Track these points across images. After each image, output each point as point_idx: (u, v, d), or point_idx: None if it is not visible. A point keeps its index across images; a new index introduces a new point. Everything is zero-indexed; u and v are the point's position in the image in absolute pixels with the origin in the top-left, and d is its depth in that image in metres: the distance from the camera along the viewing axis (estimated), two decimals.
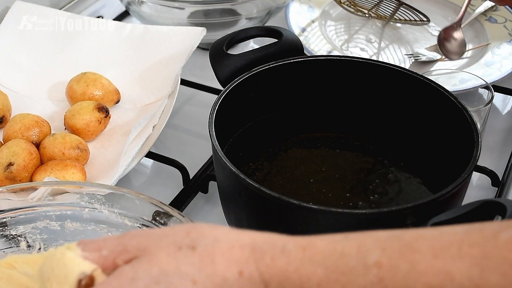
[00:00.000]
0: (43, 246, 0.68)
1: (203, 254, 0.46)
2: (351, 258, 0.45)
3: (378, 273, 0.44)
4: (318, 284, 0.44)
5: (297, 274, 0.45)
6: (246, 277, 0.45)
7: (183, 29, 1.00)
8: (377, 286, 0.44)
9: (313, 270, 0.45)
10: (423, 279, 0.43)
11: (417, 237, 0.45)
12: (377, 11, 1.17)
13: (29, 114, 0.88)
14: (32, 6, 1.05)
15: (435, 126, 0.81)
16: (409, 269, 0.43)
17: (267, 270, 0.45)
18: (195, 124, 0.99)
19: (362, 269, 0.44)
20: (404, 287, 0.43)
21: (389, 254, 0.44)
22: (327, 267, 0.45)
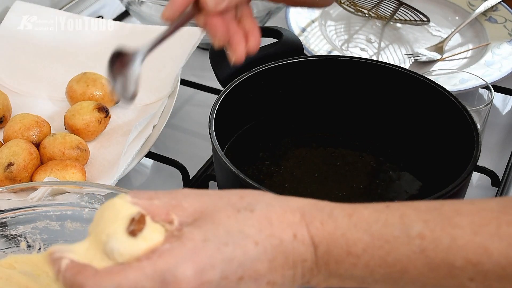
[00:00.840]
0: (43, 246, 0.68)
1: (260, 217, 0.47)
2: (395, 228, 0.47)
3: (421, 244, 0.46)
4: (364, 249, 0.47)
5: (344, 238, 0.47)
6: (299, 239, 0.47)
7: (183, 29, 1.00)
8: (419, 256, 0.46)
9: (359, 236, 0.47)
10: (462, 254, 0.45)
11: (455, 212, 0.47)
12: (377, 11, 1.17)
13: (29, 114, 0.88)
14: (32, 6, 1.05)
15: (435, 126, 0.81)
16: (450, 243, 0.46)
17: (316, 233, 0.47)
18: (195, 124, 0.99)
19: (406, 239, 0.46)
20: (445, 259, 0.46)
21: (431, 227, 0.46)
22: (372, 234, 0.47)
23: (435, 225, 0.47)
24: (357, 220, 0.48)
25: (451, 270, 0.46)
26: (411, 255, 0.46)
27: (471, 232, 0.46)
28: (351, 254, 0.47)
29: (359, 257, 0.47)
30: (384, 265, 0.47)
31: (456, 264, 0.46)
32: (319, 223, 0.48)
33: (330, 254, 0.47)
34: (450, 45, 1.11)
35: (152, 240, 0.46)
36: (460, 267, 0.46)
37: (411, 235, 0.47)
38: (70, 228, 0.67)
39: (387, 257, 0.47)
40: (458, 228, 0.46)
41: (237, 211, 0.47)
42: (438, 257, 0.46)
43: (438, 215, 0.47)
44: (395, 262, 0.47)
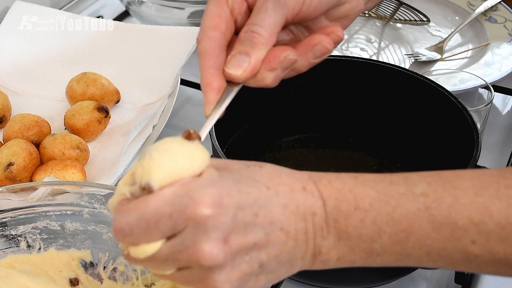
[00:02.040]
0: (43, 246, 0.68)
1: (269, 171, 0.50)
2: (399, 186, 0.49)
3: (425, 201, 0.48)
4: (370, 203, 0.48)
5: (351, 193, 0.49)
6: (308, 191, 0.49)
7: (183, 29, 1.00)
8: (424, 213, 0.47)
9: (366, 191, 0.49)
10: (465, 213, 0.47)
11: (457, 176, 0.49)
12: (377, 11, 1.17)
13: (29, 114, 0.88)
14: (32, 6, 1.05)
15: (435, 126, 0.81)
16: (452, 202, 0.47)
17: (324, 189, 0.49)
18: (195, 124, 0.98)
19: (410, 196, 0.48)
20: (447, 217, 0.47)
21: (433, 188, 0.48)
22: (378, 190, 0.49)
23: (437, 186, 0.48)
24: (363, 179, 0.50)
25: (454, 230, 0.47)
26: (416, 211, 0.47)
27: (472, 193, 0.47)
28: (358, 209, 0.48)
29: (367, 212, 0.48)
30: (391, 222, 0.48)
31: (459, 223, 0.47)
32: (326, 181, 0.49)
33: (339, 209, 0.48)
34: (450, 45, 1.11)
35: None
36: (462, 227, 0.47)
37: (415, 193, 0.48)
38: (70, 228, 0.68)
39: (393, 213, 0.48)
40: (460, 190, 0.48)
41: (246, 166, 0.50)
42: (441, 215, 0.47)
43: (440, 178, 0.49)
44: (401, 219, 0.48)
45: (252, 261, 0.47)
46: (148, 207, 0.45)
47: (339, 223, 0.48)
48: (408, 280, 0.74)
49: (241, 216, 0.46)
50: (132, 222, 0.45)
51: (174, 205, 0.45)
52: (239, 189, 0.47)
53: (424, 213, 0.47)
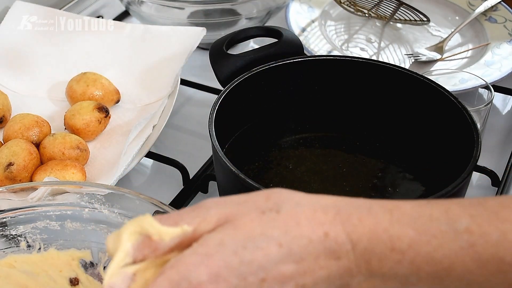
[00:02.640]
0: (43, 246, 0.68)
1: (287, 218, 0.45)
2: (441, 223, 0.45)
3: (469, 239, 0.44)
4: (409, 244, 0.44)
5: (387, 234, 0.45)
6: (332, 237, 0.45)
7: (183, 29, 1.00)
8: (468, 251, 0.44)
9: (403, 231, 0.45)
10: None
11: (501, 206, 0.45)
12: (377, 11, 1.17)
13: (29, 114, 0.88)
14: (32, 6, 1.05)
15: (435, 126, 0.81)
16: (499, 237, 0.44)
17: (354, 230, 0.45)
18: (195, 124, 0.99)
19: (453, 234, 0.44)
20: (494, 254, 0.44)
21: (478, 222, 0.44)
22: (417, 229, 0.45)
23: (482, 219, 0.45)
24: (399, 215, 0.45)
25: (500, 266, 0.44)
26: (459, 250, 0.44)
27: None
28: (395, 250, 0.44)
29: (404, 254, 0.44)
30: (431, 262, 0.44)
31: (506, 260, 0.44)
32: (356, 219, 0.45)
33: (372, 251, 0.45)
34: (450, 45, 1.11)
35: None
36: (510, 263, 0.44)
37: (458, 230, 0.44)
38: (70, 228, 0.68)
39: (434, 253, 0.44)
40: (507, 223, 0.44)
41: (261, 213, 0.46)
42: (488, 253, 0.44)
43: (484, 210, 0.45)
44: (442, 259, 0.44)
45: None
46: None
47: (371, 265, 0.45)
48: None
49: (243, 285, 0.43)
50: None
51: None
52: (240, 260, 0.44)
53: (469, 250, 0.44)
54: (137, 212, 0.65)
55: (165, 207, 0.64)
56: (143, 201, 0.65)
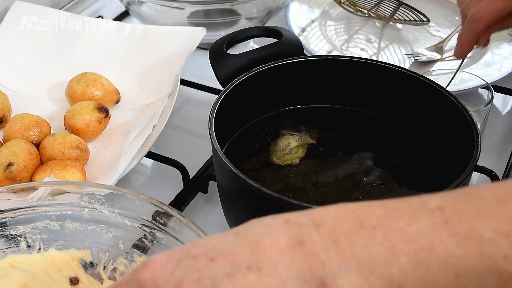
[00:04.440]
0: (43, 246, 0.68)
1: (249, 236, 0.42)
2: (411, 202, 0.42)
3: (442, 215, 0.41)
4: (379, 221, 0.41)
5: (354, 214, 0.42)
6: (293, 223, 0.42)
7: (183, 29, 1.00)
8: (443, 226, 0.40)
9: (371, 210, 0.42)
10: (490, 224, 0.40)
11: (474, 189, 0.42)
12: (377, 11, 1.17)
13: (29, 114, 0.88)
14: (32, 6, 1.05)
15: (435, 126, 0.81)
16: (474, 213, 0.40)
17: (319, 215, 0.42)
18: (195, 124, 0.99)
19: (425, 211, 0.41)
20: (471, 230, 0.40)
21: (450, 201, 0.42)
22: (387, 208, 0.42)
23: (453, 199, 0.42)
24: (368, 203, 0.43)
25: (482, 244, 0.39)
26: (434, 226, 0.40)
27: (495, 202, 0.41)
28: (364, 227, 0.41)
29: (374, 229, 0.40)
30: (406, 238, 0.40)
31: (485, 235, 0.39)
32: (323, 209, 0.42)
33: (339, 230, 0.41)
34: (450, 45, 1.11)
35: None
36: (490, 239, 0.39)
37: (430, 208, 0.41)
38: (70, 228, 0.67)
39: (408, 228, 0.40)
40: (480, 200, 0.41)
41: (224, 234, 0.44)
42: (464, 228, 0.40)
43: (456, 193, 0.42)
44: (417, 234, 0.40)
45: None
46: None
47: (341, 245, 0.40)
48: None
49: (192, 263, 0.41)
50: None
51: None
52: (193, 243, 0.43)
53: (444, 226, 0.40)
54: (137, 212, 0.65)
55: (165, 207, 0.64)
56: (143, 201, 0.65)
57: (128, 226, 0.66)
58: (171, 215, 0.63)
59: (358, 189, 0.77)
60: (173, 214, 0.63)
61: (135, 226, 0.65)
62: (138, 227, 0.65)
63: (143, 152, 0.84)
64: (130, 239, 0.66)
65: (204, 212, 0.85)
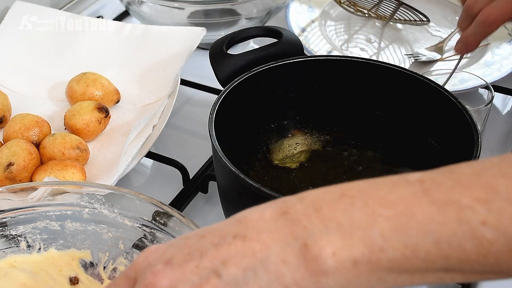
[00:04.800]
0: (43, 246, 0.68)
1: None
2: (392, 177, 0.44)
3: (422, 185, 0.43)
4: (359, 190, 0.43)
5: (336, 187, 0.44)
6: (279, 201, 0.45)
7: (183, 29, 1.00)
8: (422, 195, 0.42)
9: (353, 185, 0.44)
10: (468, 192, 0.42)
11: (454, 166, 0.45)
12: (377, 11, 1.17)
13: (29, 114, 0.88)
14: (32, 6, 1.05)
15: (435, 126, 0.81)
16: (453, 184, 0.42)
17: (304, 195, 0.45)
18: (195, 124, 0.99)
19: (405, 182, 0.43)
20: (450, 197, 0.42)
21: (429, 175, 0.44)
22: (369, 181, 0.44)
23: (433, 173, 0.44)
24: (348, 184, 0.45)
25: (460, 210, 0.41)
26: (413, 194, 0.42)
27: (473, 174, 0.43)
28: (345, 195, 0.43)
29: (355, 197, 0.43)
30: (386, 204, 0.42)
31: (464, 202, 0.41)
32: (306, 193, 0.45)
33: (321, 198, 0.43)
34: (450, 45, 1.11)
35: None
36: (468, 206, 0.41)
37: (410, 180, 0.43)
38: (70, 228, 0.68)
39: (387, 195, 0.43)
40: (459, 173, 0.43)
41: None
42: (443, 196, 0.42)
43: (436, 169, 0.44)
44: (397, 200, 0.42)
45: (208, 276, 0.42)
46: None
47: (322, 211, 0.42)
48: None
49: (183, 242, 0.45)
50: None
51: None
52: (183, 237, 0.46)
53: (423, 195, 0.42)
54: (137, 212, 0.65)
55: (165, 207, 0.64)
56: (143, 201, 0.65)
57: (128, 226, 0.66)
58: (171, 215, 0.63)
59: None
60: (173, 214, 0.63)
61: (135, 226, 0.65)
62: (138, 227, 0.65)
63: (143, 152, 0.84)
64: (130, 239, 0.66)
65: (204, 212, 0.85)
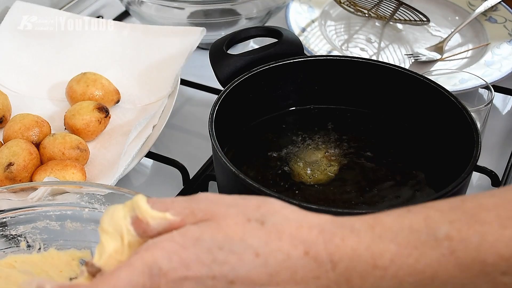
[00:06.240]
0: (43, 246, 0.68)
1: (271, 230, 0.46)
2: (421, 233, 0.45)
3: (450, 245, 0.45)
4: (391, 259, 0.45)
5: (369, 251, 0.45)
6: (311, 256, 0.45)
7: (183, 29, 1.00)
8: (449, 258, 0.45)
9: (385, 246, 0.45)
10: (494, 250, 0.44)
11: (479, 207, 0.46)
12: (377, 11, 1.17)
13: (29, 114, 0.88)
14: (32, 6, 1.05)
15: (435, 126, 0.81)
16: (479, 241, 0.45)
17: (337, 250, 0.46)
18: (195, 124, 0.99)
19: (434, 242, 0.45)
20: (476, 257, 0.44)
21: (457, 227, 0.45)
22: (399, 242, 0.45)
23: (461, 224, 0.45)
24: (381, 230, 0.46)
25: (483, 268, 0.45)
26: (440, 258, 0.45)
27: (499, 227, 0.45)
28: (377, 267, 0.45)
29: (386, 269, 0.45)
30: (414, 273, 0.45)
31: (488, 261, 0.45)
32: (339, 239, 0.46)
33: (354, 269, 0.45)
34: (450, 45, 1.11)
35: None
36: (492, 264, 0.45)
37: (438, 238, 0.45)
38: (70, 228, 0.68)
39: (417, 264, 0.45)
40: (486, 225, 0.45)
41: (247, 220, 0.47)
42: (469, 257, 0.45)
43: (463, 214, 0.46)
44: (425, 268, 0.45)
45: None
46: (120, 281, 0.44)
47: (352, 282, 0.45)
48: None
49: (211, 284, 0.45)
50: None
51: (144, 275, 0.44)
52: (213, 258, 0.45)
53: (450, 257, 0.45)
54: None
55: None
56: None
57: None
58: None
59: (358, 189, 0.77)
60: None
61: None
62: None
63: (143, 152, 0.84)
64: None
65: None
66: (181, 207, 0.48)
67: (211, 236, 0.45)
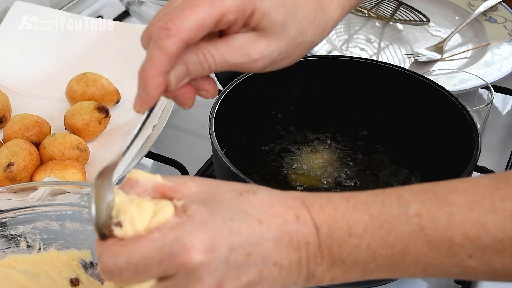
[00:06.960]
0: (43, 246, 0.68)
1: (263, 199, 0.49)
2: (392, 208, 0.48)
3: (419, 222, 0.47)
4: (364, 229, 0.48)
5: (344, 219, 0.48)
6: (302, 220, 0.48)
7: None
8: (419, 234, 0.47)
9: (359, 216, 0.48)
10: (461, 230, 0.47)
11: (450, 191, 0.48)
12: (377, 11, 1.17)
13: (29, 114, 0.88)
14: (32, 6, 1.05)
15: (435, 126, 0.81)
16: (448, 220, 0.47)
17: (317, 215, 0.48)
18: (195, 124, 0.99)
19: (404, 217, 0.47)
20: (444, 236, 0.47)
21: (428, 206, 0.47)
22: (371, 214, 0.48)
23: (431, 204, 0.48)
24: (355, 202, 0.49)
25: (451, 248, 0.47)
26: (410, 233, 0.47)
27: (467, 209, 0.47)
28: (352, 235, 0.48)
29: (361, 237, 0.47)
30: (386, 246, 0.47)
31: (455, 241, 0.47)
32: (318, 206, 0.49)
33: (332, 236, 0.48)
34: (450, 45, 1.11)
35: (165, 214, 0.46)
36: (459, 244, 0.47)
37: (409, 214, 0.47)
38: (70, 228, 0.68)
39: (388, 236, 0.47)
40: (455, 206, 0.47)
41: (239, 194, 0.49)
42: (437, 234, 0.47)
43: (433, 195, 0.48)
44: (395, 242, 0.47)
45: None
46: (137, 251, 0.45)
47: (332, 250, 0.48)
48: (408, 280, 0.74)
49: (233, 258, 0.46)
50: (121, 265, 0.45)
51: (163, 251, 0.45)
52: (230, 229, 0.46)
53: (419, 233, 0.47)
54: None
55: None
56: None
57: None
58: None
59: (358, 188, 0.77)
60: None
61: None
62: None
63: (143, 152, 0.84)
64: None
65: None
66: (173, 178, 0.50)
67: (219, 210, 0.47)
